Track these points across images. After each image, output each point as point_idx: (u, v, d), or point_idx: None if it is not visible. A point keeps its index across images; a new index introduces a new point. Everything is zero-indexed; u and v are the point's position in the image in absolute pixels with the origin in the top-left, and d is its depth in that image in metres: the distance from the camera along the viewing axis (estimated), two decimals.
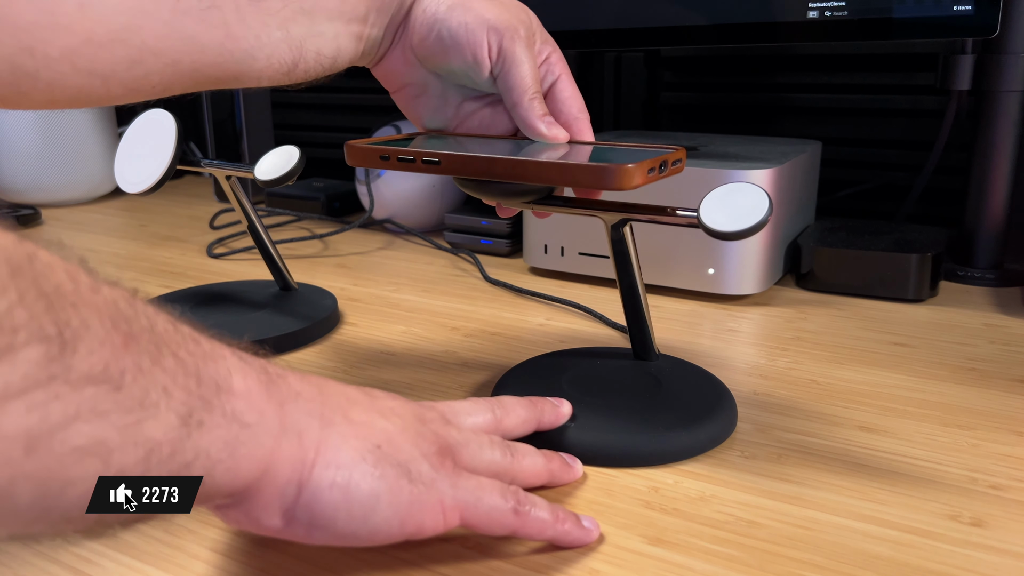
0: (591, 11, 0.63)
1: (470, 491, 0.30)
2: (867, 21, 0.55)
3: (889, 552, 0.31)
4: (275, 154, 0.52)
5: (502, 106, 0.45)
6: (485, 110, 0.46)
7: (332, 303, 0.59)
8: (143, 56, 0.37)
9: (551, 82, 0.44)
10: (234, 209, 0.58)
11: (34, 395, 0.20)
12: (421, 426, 0.32)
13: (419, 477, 0.29)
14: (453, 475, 0.31)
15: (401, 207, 0.83)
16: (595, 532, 0.33)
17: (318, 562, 0.31)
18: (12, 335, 0.20)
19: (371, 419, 0.30)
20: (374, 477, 0.28)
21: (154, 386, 0.23)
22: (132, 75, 0.37)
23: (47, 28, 0.34)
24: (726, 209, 0.37)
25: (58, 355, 0.21)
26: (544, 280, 0.68)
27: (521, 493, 0.32)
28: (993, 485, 0.36)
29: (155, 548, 0.32)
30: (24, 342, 0.20)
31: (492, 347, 0.53)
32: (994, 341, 0.53)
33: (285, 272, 0.60)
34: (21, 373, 0.20)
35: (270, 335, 0.52)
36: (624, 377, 0.44)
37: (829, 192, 0.81)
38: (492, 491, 0.31)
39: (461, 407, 0.36)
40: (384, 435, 0.30)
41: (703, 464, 0.38)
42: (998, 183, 0.64)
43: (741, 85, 0.85)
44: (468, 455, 0.32)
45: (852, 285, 0.61)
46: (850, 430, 0.41)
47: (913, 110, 0.78)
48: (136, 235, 0.87)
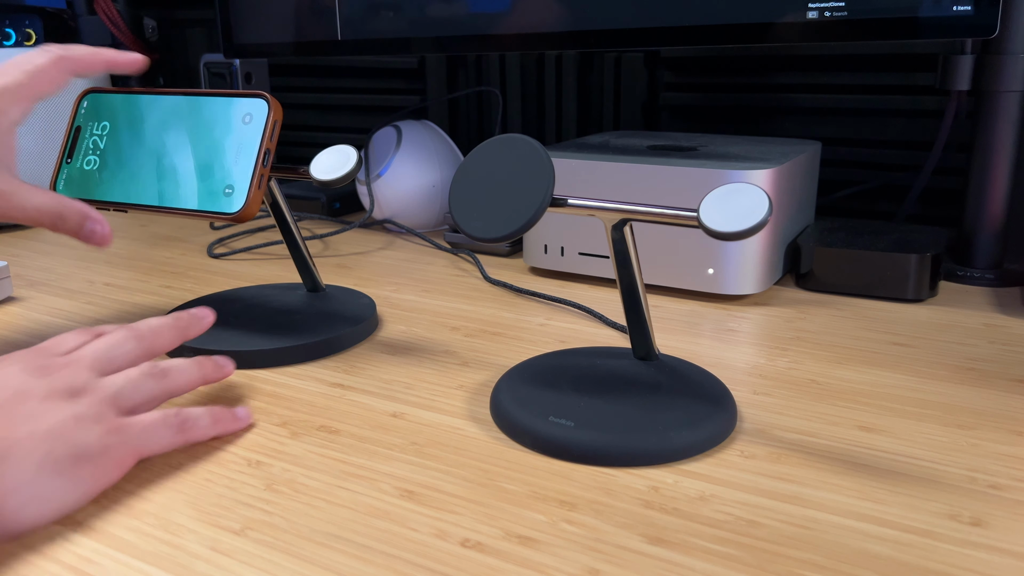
0: (591, 11, 0.63)
1: (138, 436, 0.37)
2: (867, 21, 0.55)
3: (889, 552, 0.31)
4: (330, 153, 0.50)
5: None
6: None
7: (369, 304, 0.58)
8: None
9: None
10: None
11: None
12: (76, 404, 0.36)
13: (93, 454, 0.35)
14: (119, 431, 0.36)
15: (401, 207, 0.83)
16: (247, 419, 0.42)
17: (318, 562, 0.31)
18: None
19: (34, 427, 0.34)
20: (54, 478, 0.33)
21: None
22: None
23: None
24: (726, 209, 0.37)
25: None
26: (544, 280, 0.68)
27: (183, 414, 0.39)
28: (993, 485, 0.36)
29: (155, 548, 0.32)
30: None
31: (492, 347, 0.53)
32: (994, 341, 0.53)
33: (315, 273, 0.59)
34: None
35: (313, 340, 0.51)
36: (624, 377, 0.44)
37: (829, 192, 0.81)
38: (156, 425, 0.38)
39: (109, 345, 0.40)
40: (50, 438, 0.34)
41: (703, 464, 0.38)
42: (998, 183, 0.64)
43: (741, 85, 0.85)
44: (126, 398, 0.38)
45: (852, 285, 0.61)
46: (850, 430, 0.41)
47: (913, 110, 0.78)
48: (137, 235, 0.87)
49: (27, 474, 0.33)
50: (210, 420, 0.40)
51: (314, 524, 0.34)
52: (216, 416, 0.41)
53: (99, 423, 0.36)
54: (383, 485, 0.37)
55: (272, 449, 0.40)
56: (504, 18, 0.68)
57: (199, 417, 0.40)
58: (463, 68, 1.01)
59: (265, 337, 0.51)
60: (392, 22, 0.73)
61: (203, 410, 0.40)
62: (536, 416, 0.40)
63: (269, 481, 0.37)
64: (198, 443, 0.40)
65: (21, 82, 0.47)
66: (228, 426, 0.41)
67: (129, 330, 0.42)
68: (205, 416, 0.40)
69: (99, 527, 0.34)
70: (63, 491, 0.34)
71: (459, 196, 0.40)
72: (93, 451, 0.35)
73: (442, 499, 0.35)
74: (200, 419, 0.40)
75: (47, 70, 0.48)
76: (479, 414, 0.43)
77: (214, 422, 0.41)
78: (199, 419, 0.40)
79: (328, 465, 0.38)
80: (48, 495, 0.33)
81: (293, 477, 0.37)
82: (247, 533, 0.33)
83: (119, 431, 0.36)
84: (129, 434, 0.37)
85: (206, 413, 0.40)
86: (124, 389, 0.38)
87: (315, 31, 0.78)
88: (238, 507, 0.35)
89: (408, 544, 0.32)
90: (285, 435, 0.41)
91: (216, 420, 0.41)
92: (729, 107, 0.86)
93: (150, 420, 0.38)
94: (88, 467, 0.35)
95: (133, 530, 0.33)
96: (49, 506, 0.33)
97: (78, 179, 0.53)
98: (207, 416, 0.40)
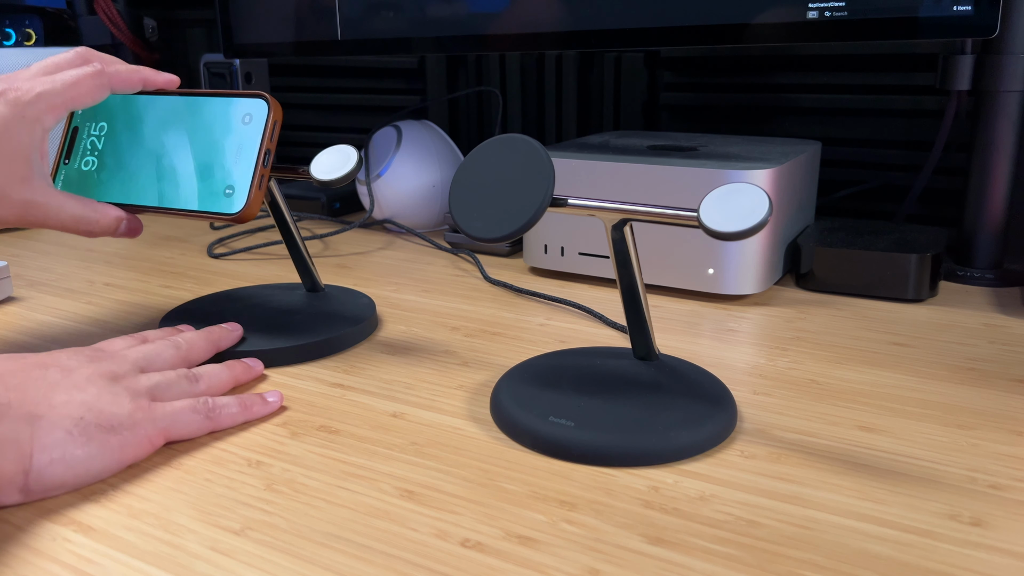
0: (591, 11, 0.63)
1: (166, 417, 0.39)
2: (867, 21, 0.55)
3: (889, 552, 0.31)
4: (330, 153, 0.51)
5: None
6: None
7: (369, 304, 0.58)
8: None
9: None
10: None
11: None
12: (115, 385, 0.39)
13: (121, 426, 0.37)
14: (149, 411, 0.39)
15: (401, 207, 0.83)
16: (278, 402, 0.44)
17: (318, 562, 0.31)
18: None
19: (70, 397, 0.37)
20: (84, 443, 0.36)
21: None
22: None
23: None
24: (726, 209, 0.37)
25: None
26: (544, 280, 0.68)
27: (211, 401, 0.41)
28: (993, 485, 0.36)
29: (155, 548, 0.32)
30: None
31: (492, 347, 0.53)
32: (994, 341, 0.53)
33: (315, 273, 0.59)
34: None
35: (312, 340, 0.51)
36: (624, 377, 0.44)
37: (829, 192, 0.81)
38: (184, 410, 0.40)
39: (151, 351, 0.45)
40: (84, 407, 0.37)
41: (703, 464, 0.38)
42: (998, 183, 0.64)
43: (741, 85, 0.85)
44: (161, 393, 0.41)
45: (852, 285, 0.61)
46: (850, 430, 0.41)
47: (913, 110, 0.78)
48: None
49: (57, 436, 0.36)
50: (239, 407, 0.42)
51: (314, 524, 0.34)
52: (245, 403, 0.43)
53: (132, 401, 0.39)
54: (383, 485, 0.37)
55: (272, 449, 0.40)
56: (504, 18, 0.68)
57: (227, 404, 0.42)
58: (463, 68, 1.01)
59: (265, 337, 0.51)
60: (392, 22, 0.73)
61: (232, 398, 0.43)
62: (536, 416, 0.40)
63: (269, 481, 0.37)
64: (227, 428, 0.42)
65: (59, 91, 0.47)
66: (258, 411, 0.43)
67: (169, 340, 0.46)
68: (233, 404, 0.42)
69: (99, 527, 0.34)
70: (89, 457, 0.36)
71: (459, 196, 0.40)
72: (123, 424, 0.38)
73: (442, 499, 0.35)
74: (228, 406, 0.42)
75: (86, 82, 0.48)
76: (479, 414, 0.43)
77: (243, 408, 0.42)
78: (227, 406, 0.42)
79: (328, 465, 0.38)
80: (74, 459, 0.36)
81: (293, 477, 0.37)
82: (247, 533, 0.33)
83: (149, 410, 0.39)
84: (158, 414, 0.39)
85: (234, 401, 0.42)
86: (160, 384, 0.42)
87: (315, 31, 0.78)
88: (238, 507, 0.35)
89: (408, 544, 0.32)
90: (285, 435, 0.41)
91: (245, 407, 0.43)
92: (729, 107, 0.86)
93: (180, 405, 0.41)
94: (116, 439, 0.37)
95: (133, 530, 0.34)
96: (74, 470, 0.36)
97: (76, 180, 0.53)
98: (236, 404, 0.42)
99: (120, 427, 0.37)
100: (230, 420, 0.42)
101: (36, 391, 0.37)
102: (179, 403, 0.41)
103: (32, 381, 0.38)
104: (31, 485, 0.35)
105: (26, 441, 0.35)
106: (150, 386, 0.41)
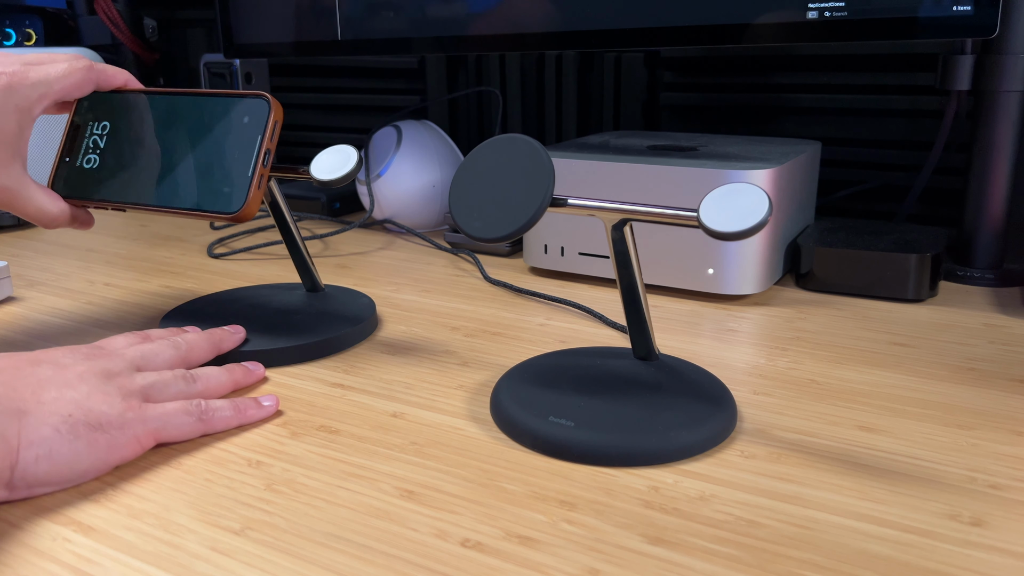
0: (591, 11, 0.63)
1: (157, 418, 0.39)
2: (867, 21, 0.55)
3: (889, 552, 0.31)
4: (330, 153, 0.51)
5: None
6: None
7: (369, 304, 0.58)
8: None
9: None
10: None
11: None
12: (107, 384, 0.39)
13: (111, 425, 0.37)
14: (140, 411, 0.38)
15: (401, 207, 0.83)
16: (274, 407, 0.43)
17: (318, 562, 0.31)
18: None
19: (60, 394, 0.37)
20: (71, 440, 0.36)
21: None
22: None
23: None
24: (726, 209, 0.37)
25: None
26: (544, 280, 0.68)
27: (204, 404, 0.41)
28: (993, 485, 0.36)
29: (155, 548, 0.32)
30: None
31: (492, 347, 0.53)
32: (994, 341, 0.53)
33: (315, 273, 0.59)
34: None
35: (312, 340, 0.51)
36: (624, 377, 0.44)
37: (829, 192, 0.81)
38: (176, 412, 0.40)
39: (150, 350, 0.44)
40: (73, 404, 0.37)
41: (703, 464, 0.38)
42: (998, 183, 0.64)
43: (741, 85, 0.85)
44: (156, 393, 0.41)
45: (852, 285, 0.61)
46: (850, 430, 0.41)
47: (913, 110, 0.78)
48: (137, 235, 0.87)
49: (44, 432, 0.35)
50: (233, 411, 0.42)
51: (314, 524, 0.34)
52: (239, 406, 0.42)
53: (123, 401, 0.38)
54: (383, 485, 0.37)
55: (272, 449, 0.40)
56: (504, 18, 0.68)
57: (221, 407, 0.41)
58: (463, 68, 1.01)
59: (265, 337, 0.51)
60: (392, 22, 0.73)
61: (226, 401, 0.42)
62: (536, 416, 0.40)
63: (269, 481, 0.37)
64: (220, 432, 0.41)
65: (52, 80, 0.49)
66: (252, 415, 0.42)
67: (170, 340, 0.46)
68: (227, 407, 0.42)
69: (99, 527, 0.34)
70: (76, 454, 0.36)
71: (459, 196, 0.40)
72: (112, 423, 0.37)
73: (442, 499, 0.35)
74: (222, 409, 0.41)
75: (76, 75, 0.51)
76: (479, 414, 0.43)
77: (237, 412, 0.42)
78: (220, 409, 0.41)
79: (328, 465, 0.38)
80: (61, 455, 0.35)
81: (293, 477, 0.37)
82: (247, 533, 0.33)
83: (140, 410, 0.39)
84: (149, 415, 0.39)
85: (228, 404, 0.42)
86: (155, 384, 0.41)
87: (315, 31, 0.78)
88: (238, 507, 0.35)
89: (408, 544, 0.32)
90: (285, 435, 0.41)
91: (239, 410, 0.42)
92: (729, 107, 0.86)
93: (172, 407, 0.40)
94: (104, 437, 0.37)
95: (133, 530, 0.34)
96: (60, 468, 0.35)
97: (77, 178, 0.53)
98: (229, 407, 0.42)
99: (109, 426, 0.37)
100: (223, 423, 0.41)
101: (26, 387, 0.37)
102: (171, 404, 0.40)
103: (23, 377, 0.37)
104: (16, 481, 0.35)
105: (12, 436, 0.35)
106: (144, 385, 0.41)
